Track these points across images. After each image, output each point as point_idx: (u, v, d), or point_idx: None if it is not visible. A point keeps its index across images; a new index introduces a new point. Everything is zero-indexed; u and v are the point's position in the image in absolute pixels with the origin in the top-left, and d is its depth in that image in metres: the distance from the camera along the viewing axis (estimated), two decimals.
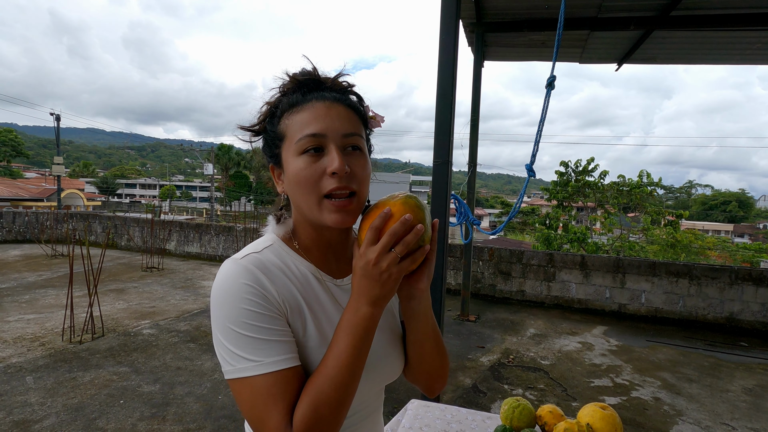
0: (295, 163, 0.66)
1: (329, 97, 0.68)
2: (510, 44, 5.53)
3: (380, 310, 0.63)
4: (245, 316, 0.62)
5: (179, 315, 5.22)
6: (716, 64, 5.89)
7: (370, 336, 0.64)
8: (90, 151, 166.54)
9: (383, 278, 0.61)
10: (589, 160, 13.51)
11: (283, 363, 0.62)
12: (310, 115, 0.66)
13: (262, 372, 0.61)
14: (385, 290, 0.62)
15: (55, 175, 21.38)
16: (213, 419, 2.91)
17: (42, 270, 7.53)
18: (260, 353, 0.61)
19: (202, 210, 44.14)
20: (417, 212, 0.63)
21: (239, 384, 0.62)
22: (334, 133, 0.66)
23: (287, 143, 0.68)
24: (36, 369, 3.55)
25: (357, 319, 0.63)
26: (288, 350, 0.63)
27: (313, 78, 0.71)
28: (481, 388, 3.61)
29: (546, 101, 2.78)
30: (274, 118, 0.71)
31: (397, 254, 0.60)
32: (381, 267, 0.60)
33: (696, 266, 5.78)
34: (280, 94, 0.72)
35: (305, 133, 0.65)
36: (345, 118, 0.68)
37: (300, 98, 0.68)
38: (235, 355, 0.62)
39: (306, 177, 0.65)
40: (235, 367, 0.62)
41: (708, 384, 3.85)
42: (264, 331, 0.62)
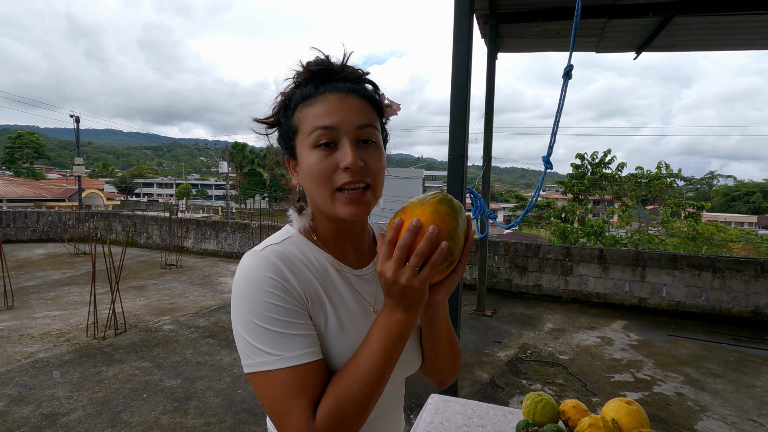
0: (308, 157, 0.66)
1: (343, 89, 0.67)
2: (524, 35, 5.43)
3: (416, 316, 0.63)
4: (267, 309, 0.62)
5: (198, 311, 5.31)
6: (739, 50, 5.70)
7: (403, 340, 0.63)
8: (108, 152, 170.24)
9: (406, 293, 0.60)
10: (605, 152, 13.24)
11: (305, 357, 0.61)
12: (323, 108, 0.65)
13: (283, 366, 0.60)
14: (414, 300, 0.61)
15: (76, 175, 21.93)
16: (233, 413, 2.95)
17: (65, 268, 7.73)
18: (281, 347, 0.61)
19: (218, 208, 44.78)
20: (446, 221, 0.60)
21: (260, 378, 0.61)
22: (347, 126, 0.65)
23: (301, 136, 0.67)
24: (62, 364, 3.66)
25: (392, 323, 0.62)
26: (309, 344, 0.63)
27: (326, 68, 0.69)
28: (499, 383, 3.58)
29: (563, 91, 2.72)
30: (288, 111, 0.70)
31: (413, 266, 0.58)
32: (400, 283, 0.59)
33: (719, 259, 5.63)
34: (294, 85, 0.71)
35: (318, 126, 0.65)
36: (359, 110, 0.66)
37: (313, 90, 0.67)
38: (256, 348, 0.61)
39: (319, 171, 0.65)
40: (255, 360, 0.61)
41: (733, 379, 3.75)
42: (286, 324, 0.62)
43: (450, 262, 0.62)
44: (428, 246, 0.58)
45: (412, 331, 0.64)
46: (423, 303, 0.62)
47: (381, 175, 0.69)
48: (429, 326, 0.75)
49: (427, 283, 0.60)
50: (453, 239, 0.60)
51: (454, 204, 0.62)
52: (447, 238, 0.59)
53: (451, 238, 0.60)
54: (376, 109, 0.71)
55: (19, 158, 46.23)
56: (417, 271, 0.58)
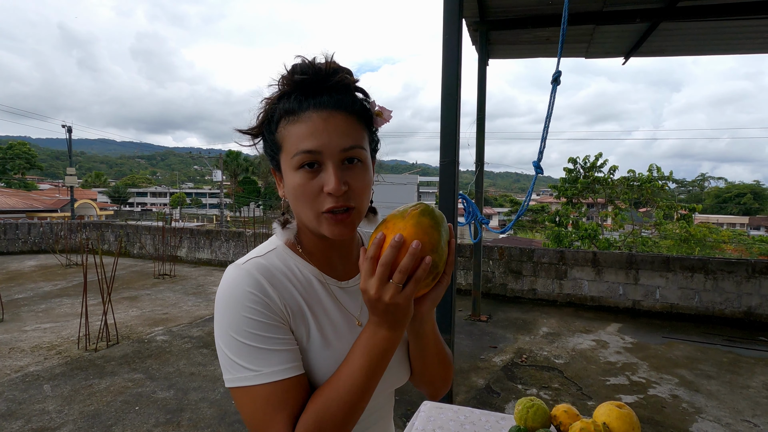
0: (292, 178, 0.64)
1: (328, 104, 0.63)
2: (514, 41, 5.49)
3: (400, 333, 0.62)
4: (246, 324, 0.61)
5: (192, 321, 5.26)
6: (726, 54, 5.80)
7: (387, 357, 0.62)
8: (101, 162, 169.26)
9: (390, 310, 0.58)
10: (597, 156, 13.36)
11: (284, 373, 0.61)
12: (306, 129, 0.62)
13: (261, 382, 0.60)
14: (398, 317, 0.60)
15: (68, 186, 21.77)
16: (227, 424, 2.92)
17: (57, 279, 7.65)
18: (260, 362, 0.60)
19: (212, 216, 44.58)
20: (429, 234, 0.58)
21: (240, 393, 0.61)
22: (331, 149, 0.62)
23: (284, 155, 0.65)
24: (53, 377, 3.60)
25: (375, 341, 0.61)
26: (289, 359, 0.62)
27: (312, 77, 0.64)
28: (495, 388, 3.58)
29: (552, 97, 2.76)
30: (271, 124, 0.67)
31: (397, 283, 0.57)
32: (384, 301, 0.57)
33: (711, 260, 5.68)
34: (278, 93, 0.67)
35: (300, 149, 0.62)
36: (344, 129, 0.63)
37: (296, 106, 0.63)
38: (235, 363, 0.61)
39: (303, 193, 0.63)
40: (235, 375, 0.61)
41: (727, 380, 3.77)
42: (265, 340, 0.61)
43: (435, 275, 0.61)
44: (412, 262, 0.56)
45: (396, 348, 0.63)
46: (408, 319, 0.61)
47: (365, 194, 0.67)
48: (416, 338, 0.74)
49: (411, 299, 0.59)
50: (437, 252, 0.59)
51: (435, 215, 0.61)
52: (431, 252, 0.58)
53: (435, 251, 0.58)
54: (365, 121, 0.67)
55: (11, 169, 45.84)
56: (401, 288, 0.57)
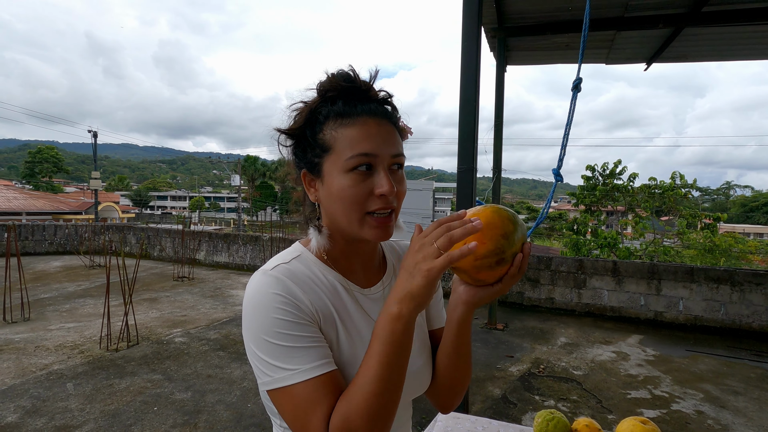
0: (340, 180, 0.65)
1: (379, 113, 0.67)
2: (533, 48, 5.46)
3: (408, 311, 0.57)
4: (278, 325, 0.62)
5: (209, 324, 5.34)
6: (752, 60, 5.64)
7: (401, 341, 0.59)
8: (124, 166, 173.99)
9: (414, 270, 0.56)
10: (616, 163, 13.10)
11: (320, 368, 0.62)
12: (362, 133, 0.65)
13: (300, 380, 0.61)
14: (413, 285, 0.56)
15: (93, 189, 22.42)
16: (243, 427, 2.94)
17: (81, 280, 7.86)
18: (296, 361, 0.61)
19: (230, 220, 45.24)
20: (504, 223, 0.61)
21: (279, 394, 0.62)
22: (384, 153, 0.66)
23: (333, 156, 0.66)
24: (76, 376, 3.70)
25: (385, 321, 0.59)
26: (323, 355, 0.63)
27: (357, 86, 0.68)
28: (512, 399, 3.52)
29: (572, 104, 2.73)
30: (315, 125, 0.68)
31: (437, 247, 0.55)
32: (417, 257, 0.57)
33: (738, 271, 5.49)
34: (319, 96, 0.69)
35: (357, 152, 0.64)
36: (392, 137, 0.67)
37: (349, 110, 0.66)
38: (272, 365, 0.62)
39: (352, 195, 0.65)
40: (273, 377, 0.62)
41: (756, 397, 3.62)
42: (298, 339, 0.62)
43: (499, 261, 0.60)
44: (461, 234, 0.55)
45: (411, 332, 0.60)
46: (420, 297, 0.57)
47: (403, 198, 0.70)
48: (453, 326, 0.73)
49: (435, 274, 0.55)
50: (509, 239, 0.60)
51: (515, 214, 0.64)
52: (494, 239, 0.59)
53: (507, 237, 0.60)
54: (400, 133, 0.71)
55: (39, 172, 47.49)
56: (438, 253, 0.55)
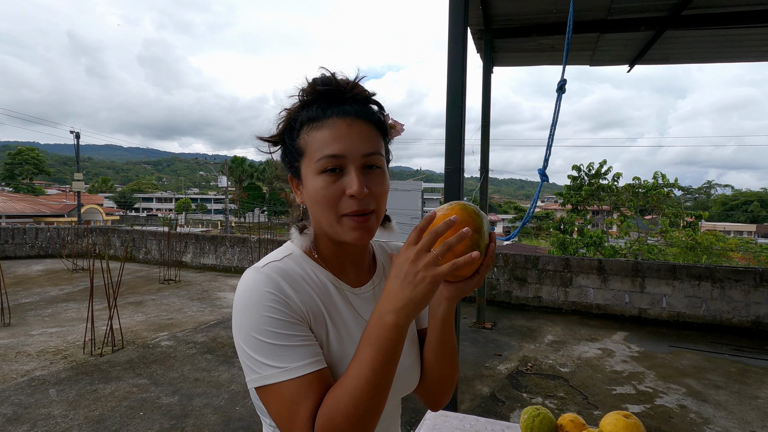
0: (314, 182, 0.66)
1: (351, 113, 0.67)
2: (519, 49, 5.52)
3: (406, 320, 0.58)
4: (267, 323, 0.62)
5: (196, 326, 5.28)
6: (731, 62, 5.79)
7: (395, 348, 0.59)
8: (108, 167, 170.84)
9: (417, 279, 0.56)
10: (601, 163, 13.33)
11: (309, 367, 0.62)
12: (331, 134, 0.65)
13: (287, 378, 0.61)
14: (416, 294, 0.56)
15: (75, 191, 21.98)
16: (231, 430, 2.92)
17: (63, 284, 7.70)
18: (284, 359, 0.61)
19: (217, 222, 44.76)
20: (473, 218, 0.62)
21: (266, 391, 0.62)
22: (354, 153, 0.65)
23: (306, 160, 0.67)
24: (59, 382, 3.62)
25: (380, 328, 0.59)
26: (312, 354, 0.63)
27: (333, 88, 0.68)
28: (500, 396, 3.55)
29: (557, 105, 2.77)
30: (293, 131, 0.70)
31: (436, 255, 0.56)
32: (417, 266, 0.56)
33: (719, 269, 5.63)
34: (299, 102, 0.70)
35: (325, 154, 0.65)
36: (366, 136, 0.67)
37: (320, 113, 0.67)
38: (260, 363, 0.62)
39: (325, 197, 0.65)
40: (261, 374, 0.62)
41: (736, 390, 3.72)
42: (287, 337, 0.62)
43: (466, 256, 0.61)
44: (456, 241, 0.57)
45: (403, 339, 0.60)
46: (420, 305, 0.57)
47: (384, 199, 0.69)
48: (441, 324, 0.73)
49: (437, 281, 0.56)
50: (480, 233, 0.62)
51: (478, 209, 0.65)
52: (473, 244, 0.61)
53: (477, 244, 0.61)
54: (381, 132, 0.70)
55: (19, 174, 46.35)
56: (437, 261, 0.56)
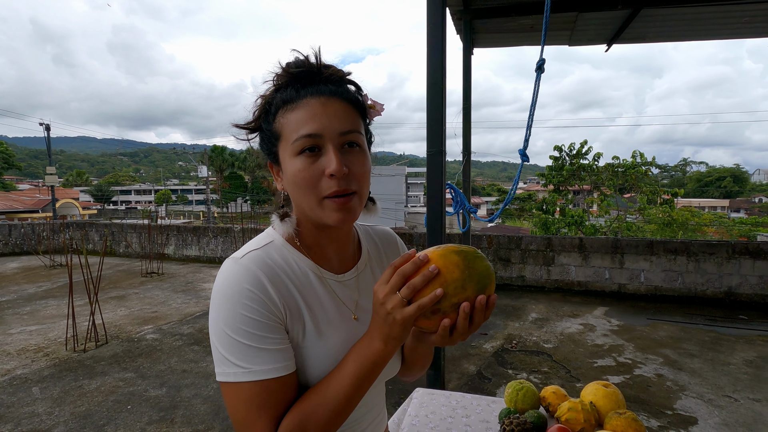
0: (292, 164, 0.64)
1: (325, 92, 0.65)
2: (499, 30, 5.49)
3: (393, 349, 0.61)
4: (241, 321, 0.61)
5: (182, 318, 5.22)
6: (705, 40, 5.88)
7: (377, 370, 0.63)
8: (82, 160, 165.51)
9: (389, 320, 0.58)
10: (582, 143, 13.53)
11: (273, 372, 0.61)
12: (306, 114, 0.63)
13: (249, 379, 0.60)
14: (393, 332, 0.59)
15: (49, 185, 21.27)
16: (221, 419, 2.92)
17: (41, 281, 7.50)
18: (250, 360, 0.60)
19: (199, 213, 44.04)
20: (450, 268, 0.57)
21: (227, 388, 0.62)
22: (330, 132, 0.63)
23: (283, 143, 0.66)
24: (41, 379, 3.56)
25: (368, 351, 0.62)
26: (280, 359, 0.62)
27: (307, 69, 0.66)
28: (486, 374, 3.64)
29: (536, 85, 2.77)
30: (269, 116, 0.68)
31: (401, 297, 0.56)
32: (386, 308, 0.58)
33: (693, 243, 5.82)
34: (273, 87, 0.68)
35: (301, 134, 0.63)
36: (342, 114, 0.65)
37: (294, 94, 0.65)
38: (225, 359, 0.61)
39: (304, 179, 0.63)
40: (224, 370, 0.61)
41: (709, 358, 3.89)
42: (258, 338, 0.61)
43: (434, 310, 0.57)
44: (421, 282, 0.56)
45: (387, 362, 0.63)
46: (402, 339, 0.60)
47: (366, 179, 0.68)
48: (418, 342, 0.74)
49: (410, 321, 0.57)
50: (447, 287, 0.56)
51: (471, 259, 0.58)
52: (443, 285, 0.56)
53: (445, 285, 0.56)
54: (360, 112, 0.69)
55: None
56: (405, 303, 0.57)
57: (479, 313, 0.58)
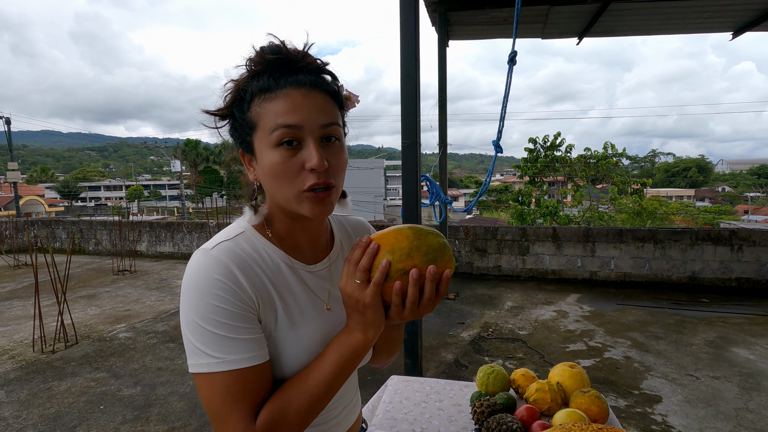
0: (270, 156, 0.63)
1: (305, 83, 0.63)
2: (473, 22, 5.53)
3: (373, 337, 0.63)
4: (212, 311, 0.60)
5: (156, 316, 5.11)
6: (671, 34, 6.09)
7: (357, 360, 0.64)
8: (47, 155, 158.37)
9: (359, 308, 0.61)
10: (555, 135, 13.82)
11: (247, 361, 0.61)
12: (285, 105, 0.62)
13: (223, 369, 0.60)
14: (368, 318, 0.61)
15: (11, 182, 20.30)
16: (198, 416, 2.89)
17: (5, 281, 7.19)
18: (223, 350, 0.60)
19: (173, 209, 42.92)
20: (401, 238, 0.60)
21: (201, 379, 0.61)
22: (311, 124, 0.62)
23: (260, 133, 0.64)
24: (7, 383, 3.42)
25: (348, 341, 0.64)
26: (253, 348, 0.62)
27: (284, 57, 0.64)
28: (463, 362, 3.71)
29: (509, 77, 2.82)
30: (243, 103, 0.65)
31: (358, 282, 0.60)
32: (353, 297, 0.61)
33: (659, 230, 6.06)
34: (248, 73, 0.65)
35: (280, 124, 0.61)
36: (322, 107, 0.64)
37: (272, 83, 0.63)
38: (198, 349, 0.61)
39: (283, 171, 0.62)
40: (197, 361, 0.61)
41: (674, 340, 4.08)
42: (230, 328, 0.61)
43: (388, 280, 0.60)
44: (367, 261, 0.60)
45: (367, 352, 0.65)
46: (379, 324, 0.62)
47: (343, 173, 0.68)
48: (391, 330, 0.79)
49: (375, 299, 0.60)
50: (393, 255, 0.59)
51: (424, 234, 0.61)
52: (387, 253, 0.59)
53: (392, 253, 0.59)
54: (337, 103, 0.68)
55: None
56: (365, 286, 0.60)
57: (429, 283, 0.59)
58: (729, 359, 3.63)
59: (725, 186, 57.52)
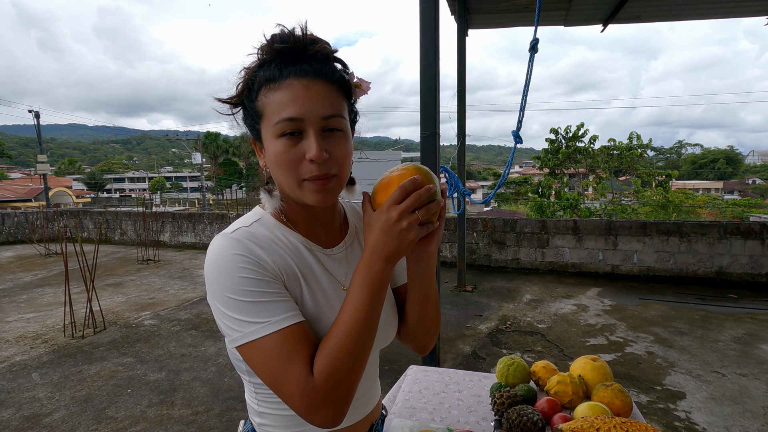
0: (273, 146, 0.65)
1: (309, 72, 0.64)
2: (493, 10, 5.41)
3: (392, 267, 0.65)
4: (242, 283, 0.63)
5: (179, 304, 5.25)
6: (701, 19, 5.83)
7: (383, 290, 0.65)
8: (74, 148, 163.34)
9: (402, 236, 0.62)
10: (578, 126, 13.48)
11: (290, 319, 0.63)
12: (288, 96, 0.63)
13: (271, 331, 0.62)
14: (401, 248, 0.63)
15: (41, 173, 21.06)
16: (220, 401, 2.97)
17: (37, 269, 7.49)
18: (265, 314, 0.62)
19: (194, 200, 43.82)
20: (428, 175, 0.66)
21: (250, 348, 0.63)
22: (312, 116, 0.63)
23: (266, 123, 0.66)
24: (41, 365, 3.59)
25: (372, 274, 0.64)
26: (291, 308, 0.65)
27: (292, 46, 0.65)
28: (481, 354, 3.70)
29: (530, 65, 2.76)
30: (251, 92, 0.67)
31: (418, 217, 0.62)
32: (401, 225, 0.61)
33: (685, 224, 5.87)
34: (258, 61, 0.67)
35: (282, 117, 0.63)
36: (325, 97, 0.64)
37: (277, 73, 0.64)
38: (240, 321, 0.62)
39: (285, 161, 0.64)
40: (242, 332, 0.63)
41: (699, 336, 3.97)
42: (264, 294, 0.63)
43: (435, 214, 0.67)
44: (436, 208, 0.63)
45: (388, 283, 0.66)
46: (403, 255, 0.64)
47: (346, 162, 0.68)
48: (420, 282, 0.77)
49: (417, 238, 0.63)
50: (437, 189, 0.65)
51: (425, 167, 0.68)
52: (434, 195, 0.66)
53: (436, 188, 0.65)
54: (344, 92, 0.68)
55: None
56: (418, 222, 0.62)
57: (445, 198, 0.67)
58: (757, 356, 3.52)
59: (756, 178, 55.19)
